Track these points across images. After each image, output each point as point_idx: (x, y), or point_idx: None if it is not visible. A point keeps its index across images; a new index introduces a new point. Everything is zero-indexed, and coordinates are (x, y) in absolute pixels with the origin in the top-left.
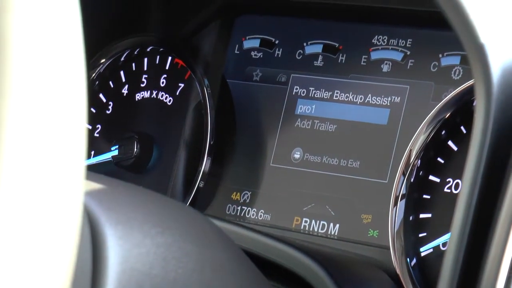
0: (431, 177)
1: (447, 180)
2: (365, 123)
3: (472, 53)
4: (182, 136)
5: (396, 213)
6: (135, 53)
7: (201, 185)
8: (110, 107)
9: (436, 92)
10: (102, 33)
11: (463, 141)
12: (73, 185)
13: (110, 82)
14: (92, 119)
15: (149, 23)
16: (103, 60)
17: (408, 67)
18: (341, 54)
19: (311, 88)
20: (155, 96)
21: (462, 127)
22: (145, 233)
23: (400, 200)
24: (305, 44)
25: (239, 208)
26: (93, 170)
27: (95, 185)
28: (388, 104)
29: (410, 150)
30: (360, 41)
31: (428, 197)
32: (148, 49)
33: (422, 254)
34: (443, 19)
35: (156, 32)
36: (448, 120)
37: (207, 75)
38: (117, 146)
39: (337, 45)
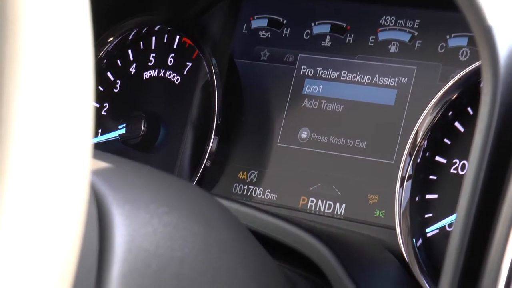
0: (438, 158)
1: (454, 161)
2: (372, 103)
3: (479, 35)
4: (190, 115)
5: (402, 194)
6: (143, 32)
7: (208, 164)
8: (117, 86)
9: (443, 73)
10: (110, 12)
11: (470, 122)
12: (80, 164)
13: (118, 61)
14: (100, 98)
15: (158, 2)
16: (111, 39)
17: (416, 48)
18: (348, 35)
19: (319, 68)
20: (162, 75)
21: (469, 108)
22: (152, 213)
23: (407, 180)
24: (313, 24)
25: (245, 187)
26: (100, 148)
27: (102, 164)
28: (395, 84)
29: (417, 131)
30: (368, 22)
31: (435, 178)
32: (156, 28)
33: (428, 235)
34: (451, 0)
35: (164, 11)
36: (455, 101)
37: (215, 55)
38: (124, 125)
39: (345, 25)
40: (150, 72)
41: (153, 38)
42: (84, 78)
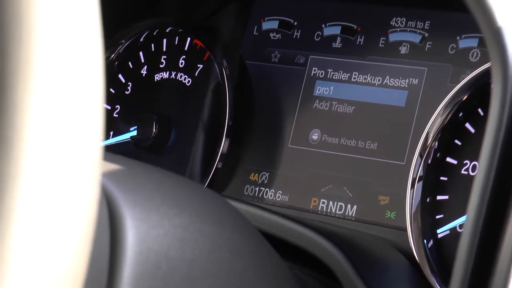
0: (448, 159)
1: (464, 162)
2: (383, 104)
3: (489, 36)
4: (201, 117)
5: (413, 195)
6: (154, 34)
7: (219, 166)
8: (129, 88)
9: (454, 74)
10: (121, 14)
11: (480, 123)
12: (90, 166)
13: (129, 63)
14: (111, 100)
15: (168, 4)
16: (122, 41)
17: (426, 49)
18: (359, 36)
19: (329, 70)
20: (174, 77)
21: (479, 109)
22: (162, 214)
23: (418, 182)
24: (323, 25)
25: (257, 189)
26: (112, 151)
27: (113, 166)
28: (406, 86)
29: (428, 132)
30: (379, 23)
31: (445, 179)
32: (167, 30)
33: (439, 236)
34: (461, 1)
35: (175, 13)
36: (465, 102)
37: (225, 56)
38: (135, 127)
39: (355, 27)
40: (161, 74)
41: (164, 40)
42: (94, 80)
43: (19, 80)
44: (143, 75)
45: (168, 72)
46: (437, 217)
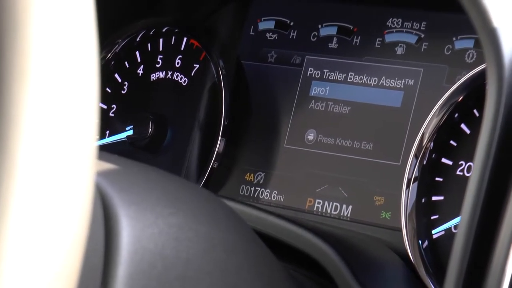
0: (444, 160)
1: (460, 163)
2: (379, 105)
3: (484, 37)
4: (197, 117)
5: (408, 196)
6: (151, 33)
7: (215, 166)
8: (125, 87)
9: (450, 75)
10: (118, 14)
11: (476, 124)
12: (85, 165)
13: (126, 62)
14: (108, 99)
15: (165, 4)
16: (118, 40)
17: (422, 50)
18: (355, 37)
19: (326, 70)
20: (170, 77)
21: (475, 110)
22: (157, 214)
23: (413, 182)
24: (320, 26)
25: (252, 189)
26: (107, 150)
27: (108, 166)
28: (402, 86)
29: (423, 133)
30: (375, 24)
31: (441, 179)
32: (164, 30)
33: (434, 237)
34: (457, 2)
35: (171, 13)
36: (461, 103)
37: (222, 56)
38: (131, 126)
39: (351, 27)
40: (157, 74)
41: (161, 40)
42: (90, 79)
43: (14, 79)
44: (139, 74)
45: (164, 72)
46: (432, 217)
